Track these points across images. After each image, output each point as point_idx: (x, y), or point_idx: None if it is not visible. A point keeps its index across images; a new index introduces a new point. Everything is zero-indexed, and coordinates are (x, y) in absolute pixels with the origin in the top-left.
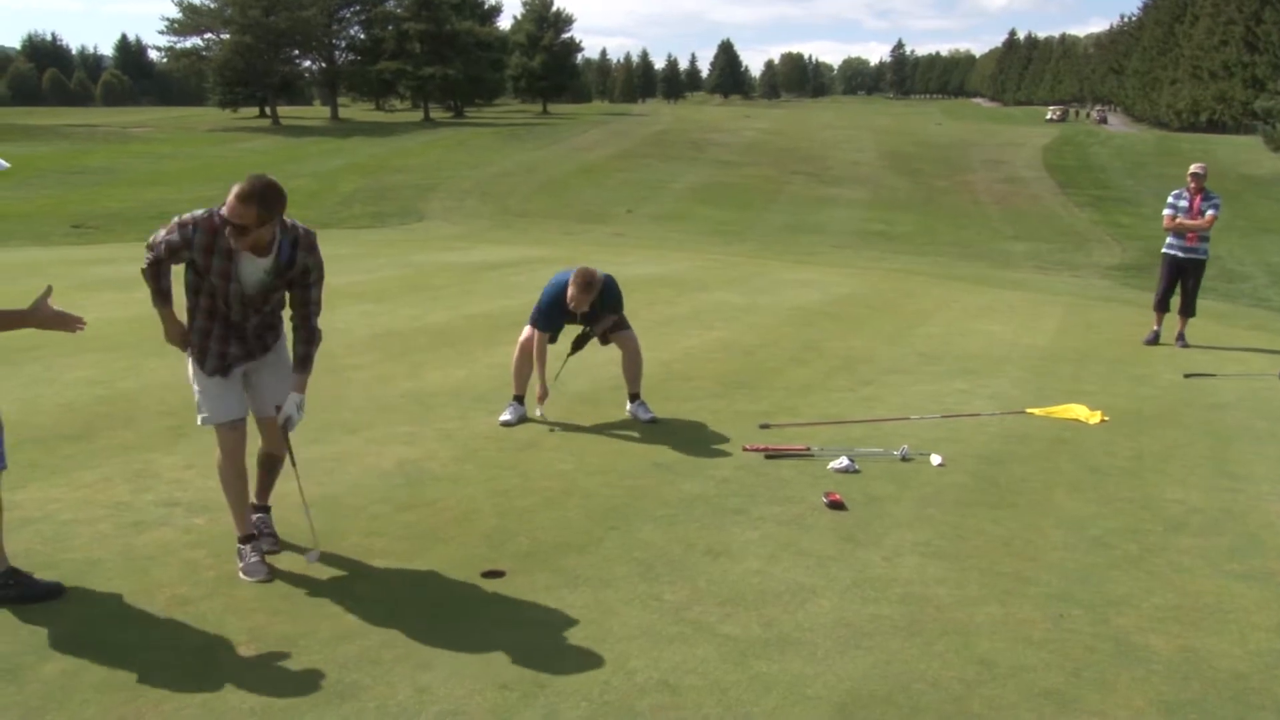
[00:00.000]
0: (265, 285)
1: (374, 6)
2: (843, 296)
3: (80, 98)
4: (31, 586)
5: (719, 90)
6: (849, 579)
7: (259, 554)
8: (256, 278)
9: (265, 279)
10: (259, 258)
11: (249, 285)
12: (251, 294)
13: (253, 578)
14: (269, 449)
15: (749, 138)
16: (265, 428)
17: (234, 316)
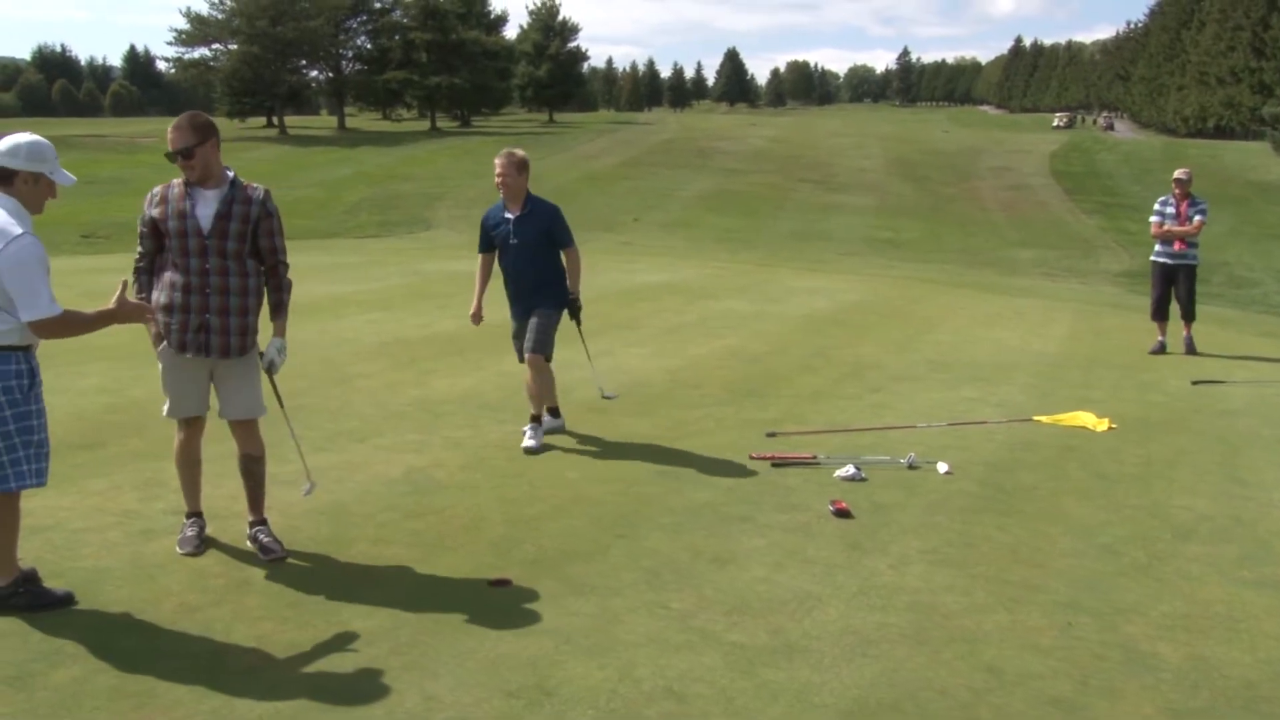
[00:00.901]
0: (217, 217)
1: (381, 16)
2: (850, 304)
3: (89, 108)
4: (43, 595)
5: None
6: (855, 587)
7: (196, 529)
8: (210, 211)
9: (216, 209)
10: (209, 190)
11: (204, 220)
12: (208, 230)
13: (183, 549)
14: (244, 450)
15: (755, 146)
16: (235, 430)
17: (192, 264)
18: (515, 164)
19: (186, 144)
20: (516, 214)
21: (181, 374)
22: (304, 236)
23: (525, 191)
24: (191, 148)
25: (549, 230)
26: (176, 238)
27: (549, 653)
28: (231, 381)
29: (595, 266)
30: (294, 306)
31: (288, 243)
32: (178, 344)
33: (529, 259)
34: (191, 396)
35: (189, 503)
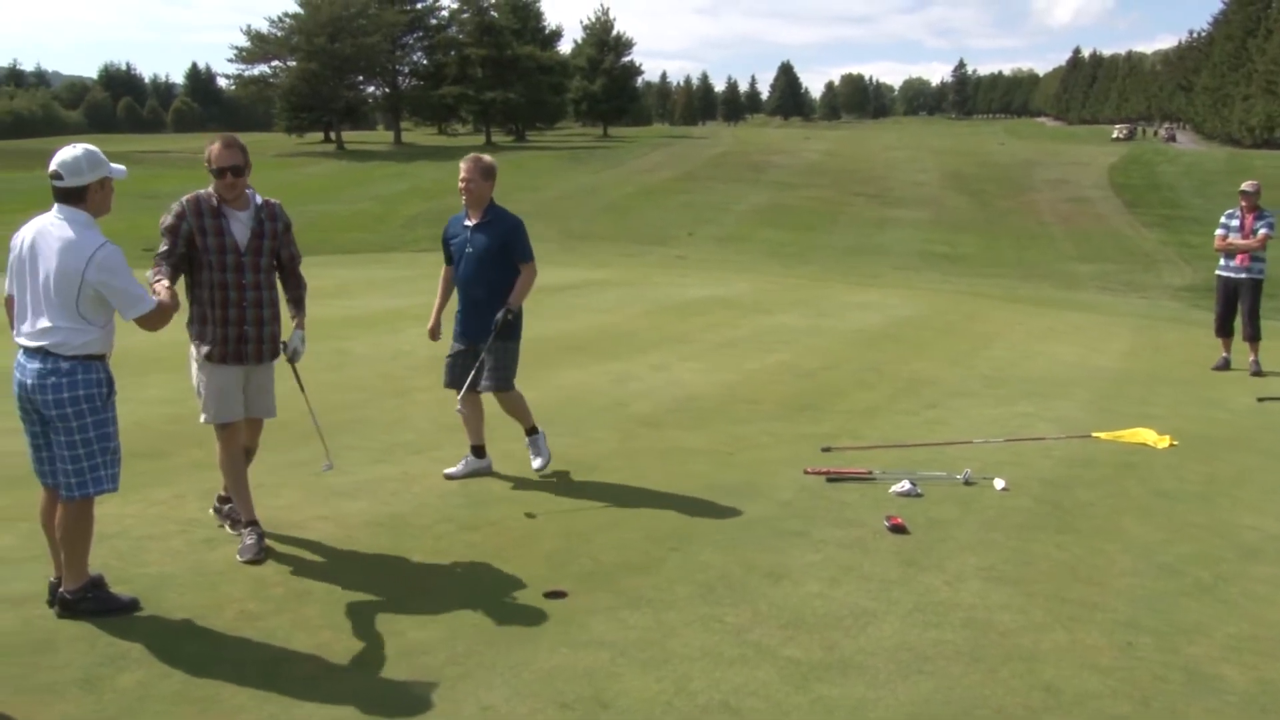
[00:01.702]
0: (252, 235)
1: (437, 32)
2: (905, 319)
3: (152, 124)
4: (110, 600)
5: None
6: (911, 603)
7: (255, 536)
8: (244, 230)
9: (251, 227)
10: (240, 212)
11: (240, 238)
12: (244, 249)
13: (243, 557)
14: (247, 443)
15: (809, 159)
16: (248, 426)
17: (230, 279)
18: (481, 169)
19: (239, 163)
20: (476, 222)
21: (224, 382)
22: (360, 250)
23: (489, 200)
24: (242, 167)
25: (506, 242)
26: (215, 254)
27: (604, 665)
28: (260, 384)
29: (649, 280)
30: (351, 319)
31: (344, 256)
32: (219, 356)
33: (482, 271)
34: (234, 402)
35: (245, 511)
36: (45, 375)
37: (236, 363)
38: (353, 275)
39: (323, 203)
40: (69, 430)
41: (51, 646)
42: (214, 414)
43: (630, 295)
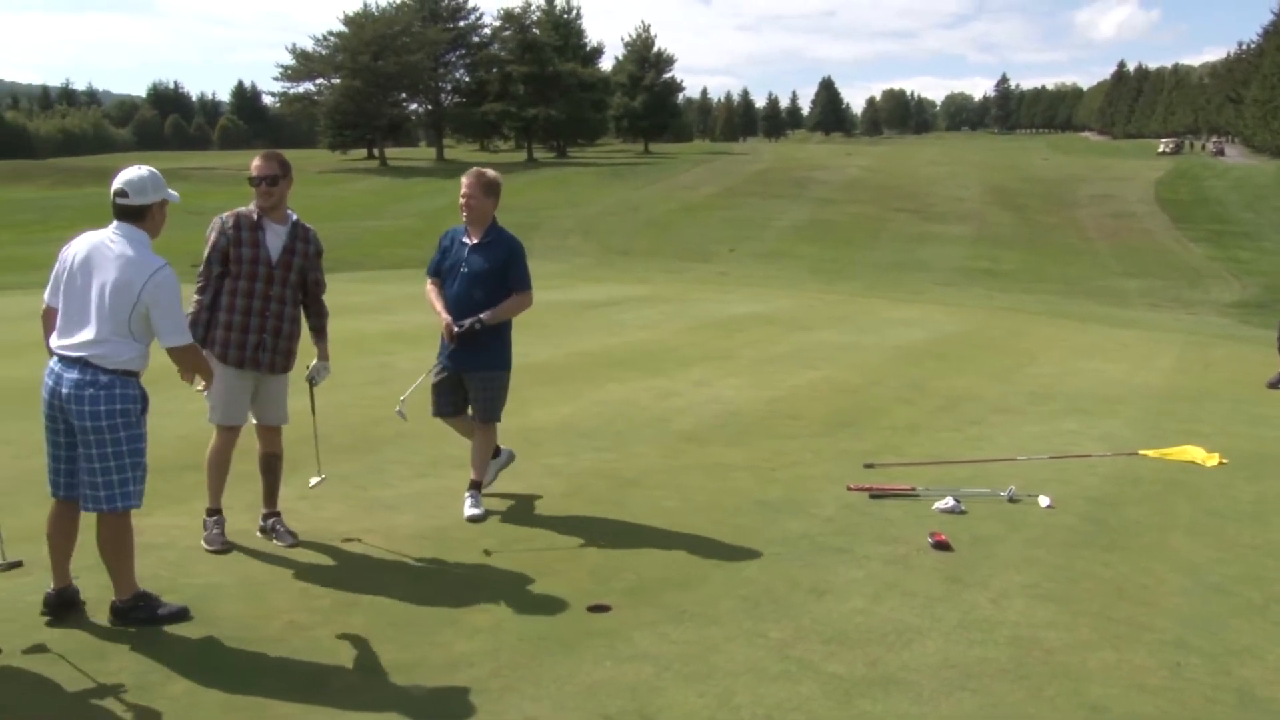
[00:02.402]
0: (284, 250)
1: (479, 50)
2: (948, 335)
3: (199, 141)
4: (158, 609)
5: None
6: (955, 620)
7: (219, 527)
8: (278, 244)
9: (285, 243)
10: (277, 225)
11: (274, 252)
12: (276, 261)
13: (211, 546)
14: (269, 450)
15: (851, 175)
16: (264, 433)
17: (258, 288)
18: (483, 185)
19: (273, 173)
20: (475, 241)
21: (234, 386)
22: (403, 266)
23: (491, 218)
24: (276, 178)
25: (504, 265)
26: (248, 264)
27: (648, 679)
28: (271, 393)
29: (690, 296)
30: (395, 334)
31: (387, 271)
32: (235, 360)
33: (473, 293)
34: (240, 406)
35: (212, 500)
36: (83, 386)
37: (253, 369)
38: (396, 290)
39: (366, 219)
40: (101, 443)
41: (104, 654)
42: (220, 415)
43: (672, 311)
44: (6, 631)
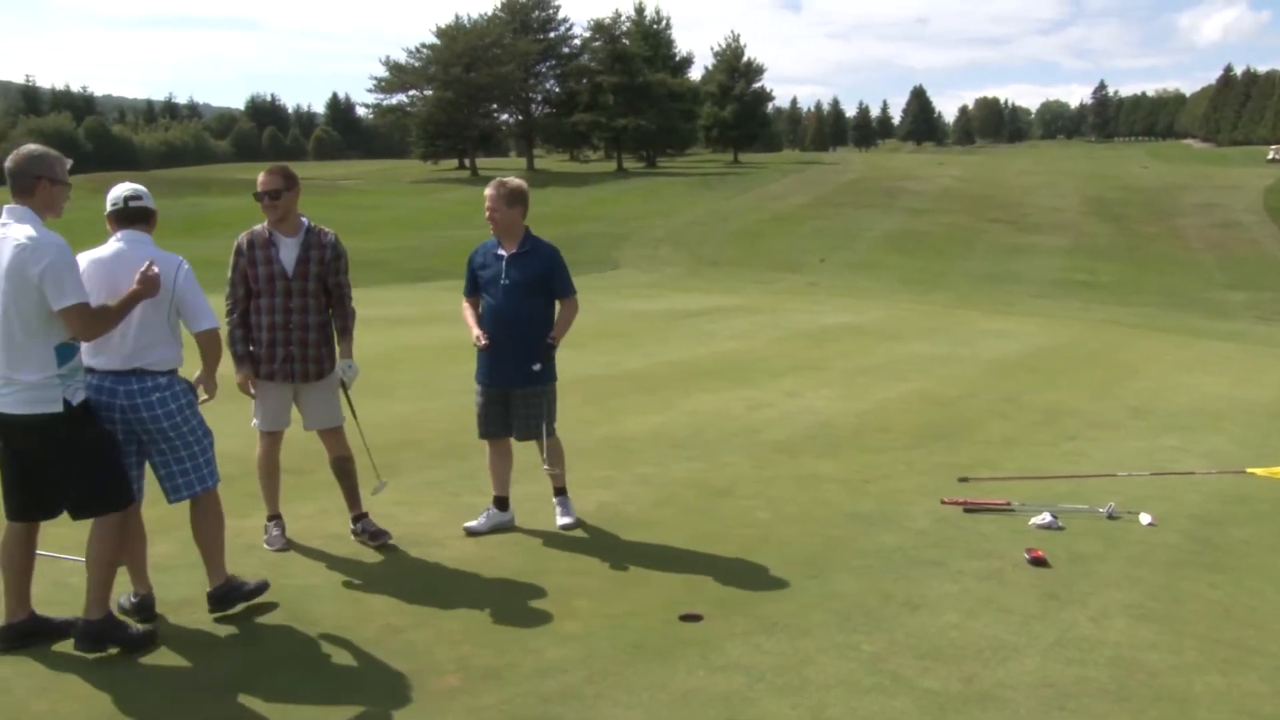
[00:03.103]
0: (298, 261)
1: (569, 61)
2: (1043, 348)
3: (294, 152)
4: (245, 587)
5: (911, 137)
6: (1053, 638)
7: (279, 529)
8: (291, 256)
9: (298, 253)
10: (288, 237)
11: (288, 264)
12: (291, 274)
13: (272, 547)
14: (336, 454)
15: (943, 185)
16: (324, 438)
17: (277, 303)
18: (505, 195)
19: (276, 187)
20: (511, 252)
21: (271, 396)
22: None
23: (522, 227)
24: (279, 191)
25: (546, 274)
26: (265, 281)
27: (740, 689)
28: (313, 399)
29: (781, 307)
30: None
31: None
32: (266, 374)
33: (518, 305)
34: (280, 414)
35: (270, 506)
36: (148, 393)
37: (285, 380)
38: None
39: (456, 228)
40: (181, 435)
41: (208, 649)
42: (263, 422)
43: (763, 321)
44: None
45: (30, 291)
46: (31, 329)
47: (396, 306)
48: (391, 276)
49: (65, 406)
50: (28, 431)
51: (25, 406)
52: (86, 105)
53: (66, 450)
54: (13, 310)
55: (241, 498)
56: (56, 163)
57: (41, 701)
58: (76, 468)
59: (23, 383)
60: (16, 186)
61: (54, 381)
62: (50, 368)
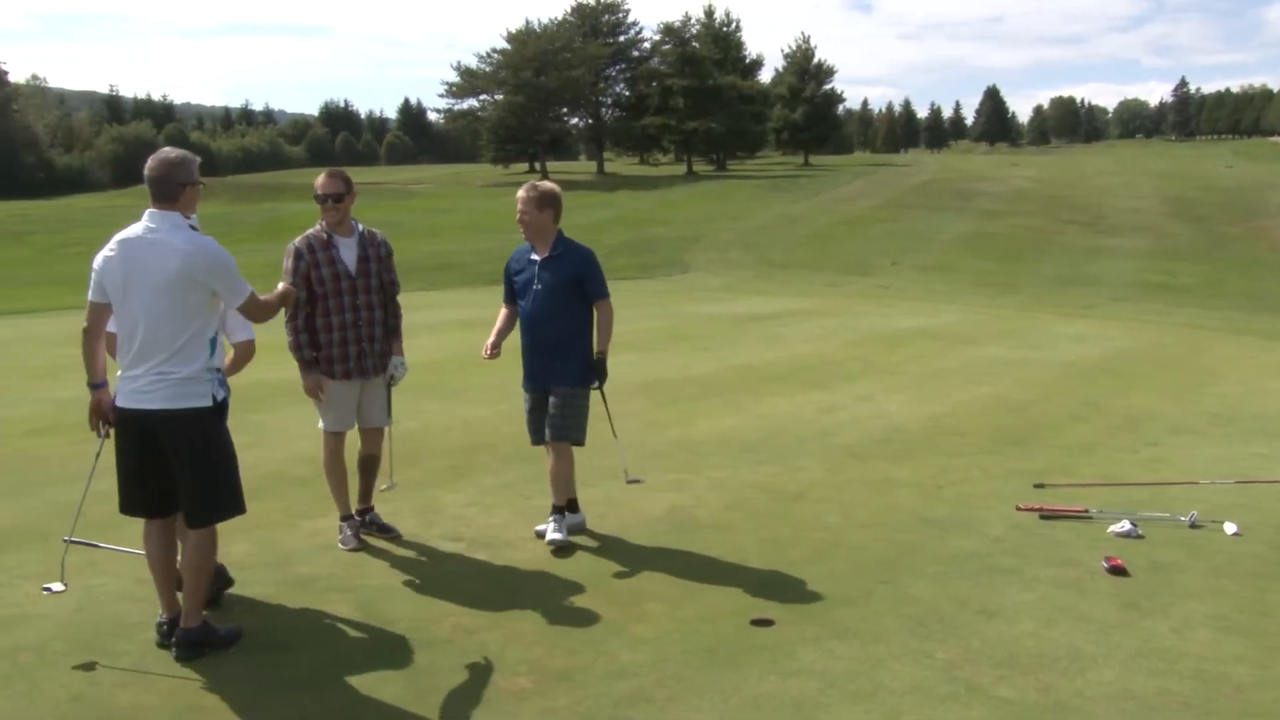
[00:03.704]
0: (359, 260)
1: (639, 64)
2: (1122, 352)
3: (367, 157)
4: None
5: (984, 138)
6: (1133, 648)
7: (352, 529)
8: (352, 256)
9: (358, 253)
10: (346, 238)
11: (349, 264)
12: (355, 273)
13: (346, 546)
14: (369, 451)
15: (1017, 186)
16: (366, 435)
17: (345, 302)
18: (535, 198)
19: (339, 190)
20: (543, 256)
21: (343, 395)
22: None
23: (554, 231)
24: (342, 194)
25: (579, 277)
26: (330, 282)
27: (812, 694)
28: (373, 398)
29: (852, 310)
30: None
31: None
32: (343, 374)
33: (551, 309)
34: (348, 414)
35: (341, 507)
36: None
37: (358, 377)
38: None
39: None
40: None
41: (287, 647)
42: (332, 423)
43: (834, 325)
44: None
45: (196, 291)
46: (188, 325)
47: (467, 309)
48: (462, 279)
49: (213, 401)
50: (176, 426)
51: (177, 401)
52: (166, 113)
53: (200, 448)
54: (169, 308)
55: (314, 499)
56: (194, 165)
57: (126, 694)
58: (208, 467)
59: (176, 377)
60: (162, 193)
61: (205, 375)
62: (203, 359)
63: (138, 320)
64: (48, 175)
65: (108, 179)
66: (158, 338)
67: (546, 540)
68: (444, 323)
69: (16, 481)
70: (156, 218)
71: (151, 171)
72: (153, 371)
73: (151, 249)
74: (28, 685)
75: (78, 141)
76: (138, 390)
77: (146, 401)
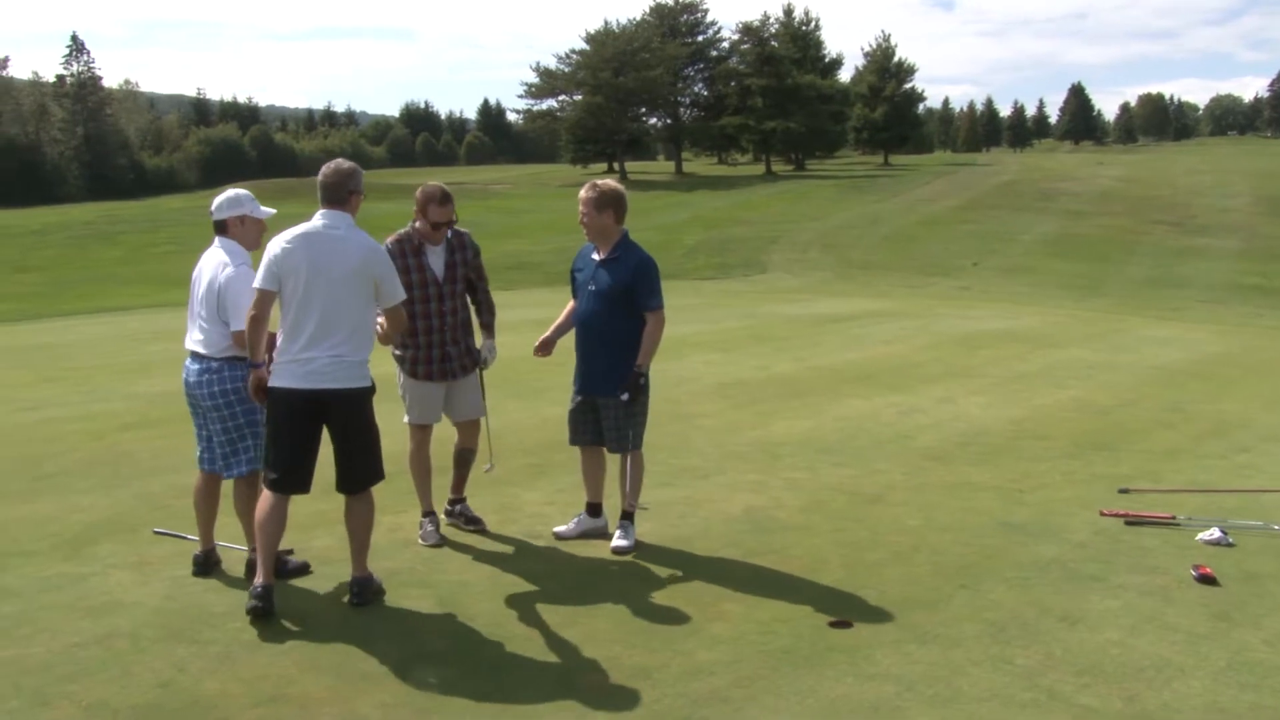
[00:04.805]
0: (447, 266)
1: (717, 64)
2: (1212, 356)
3: (446, 158)
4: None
5: (1069, 136)
6: (1223, 660)
7: (433, 524)
8: (440, 263)
9: (445, 259)
10: (435, 246)
11: (438, 271)
12: (441, 280)
13: (427, 541)
14: (465, 444)
15: (1103, 186)
16: (462, 429)
17: (432, 308)
18: (595, 200)
19: (453, 220)
20: (602, 257)
21: (426, 394)
22: None
23: (615, 232)
24: (453, 223)
25: (630, 282)
26: (418, 288)
27: (890, 698)
28: (463, 392)
29: (932, 312)
30: None
31: None
32: (425, 375)
33: (601, 313)
34: (433, 408)
35: (423, 502)
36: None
37: (441, 379)
38: None
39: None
40: (222, 417)
41: (368, 640)
42: (416, 417)
43: (914, 326)
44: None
45: (369, 285)
46: (361, 316)
47: (545, 309)
48: (541, 279)
49: (371, 382)
50: (350, 404)
51: (352, 381)
52: (252, 115)
53: (364, 423)
54: (350, 299)
55: (396, 495)
56: (361, 175)
57: (213, 682)
58: (366, 440)
59: (352, 361)
60: (334, 196)
61: (367, 360)
62: (369, 348)
63: (315, 307)
64: (138, 176)
65: (195, 180)
66: (337, 323)
67: (611, 548)
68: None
69: (109, 475)
70: (333, 217)
71: (326, 178)
72: (329, 354)
73: (336, 244)
74: (120, 670)
75: (167, 143)
76: (314, 371)
77: (324, 381)
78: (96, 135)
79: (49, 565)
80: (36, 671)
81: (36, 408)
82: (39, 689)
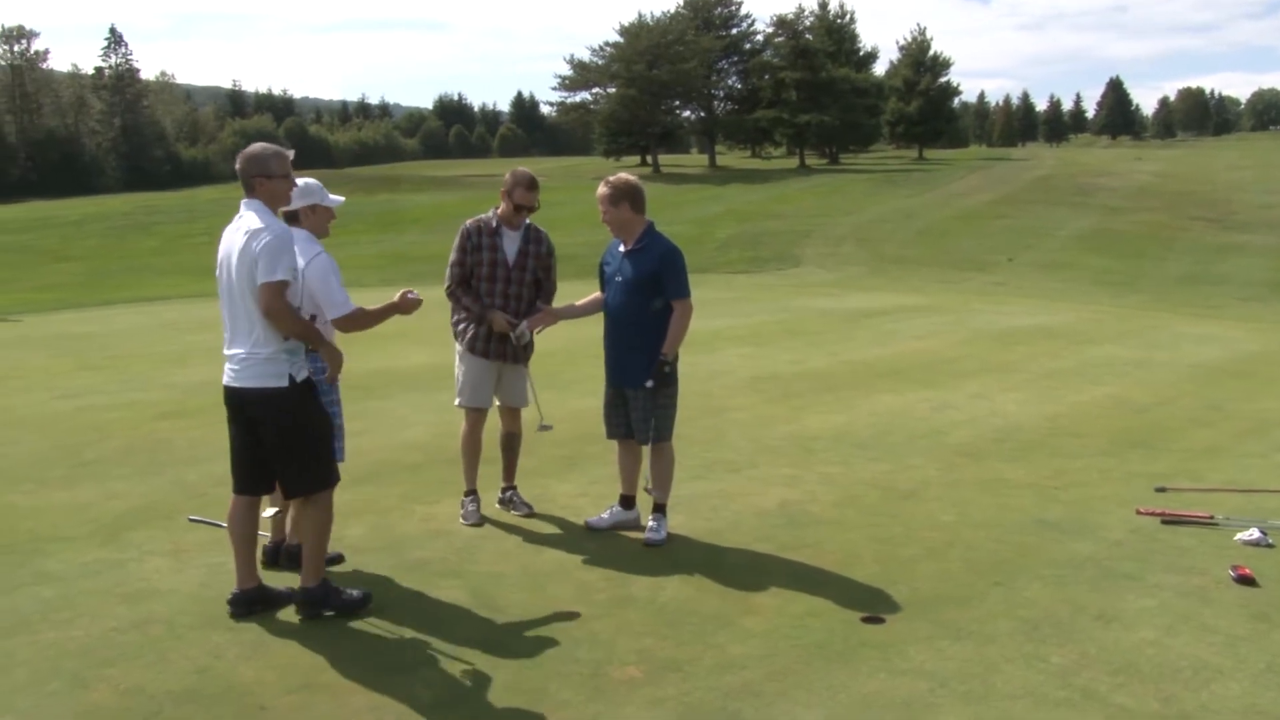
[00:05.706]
0: (519, 253)
1: (751, 57)
2: (1252, 354)
3: (479, 150)
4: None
5: (1106, 131)
6: (1263, 663)
7: (475, 504)
8: (514, 248)
9: (519, 246)
10: (512, 230)
11: (510, 254)
12: (513, 264)
13: (468, 521)
14: (510, 429)
15: (1140, 181)
16: (506, 414)
17: (498, 289)
18: (608, 195)
19: (535, 206)
20: (628, 249)
21: (482, 373)
22: None
23: (637, 223)
24: (535, 209)
25: (656, 272)
26: (487, 266)
27: (922, 694)
28: (513, 379)
29: (966, 307)
30: None
31: None
32: (481, 351)
33: (628, 304)
34: (484, 390)
35: (468, 481)
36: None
37: (496, 359)
38: None
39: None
40: None
41: (400, 630)
42: (467, 399)
43: (948, 322)
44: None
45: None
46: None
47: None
48: (574, 271)
49: (290, 381)
50: (264, 406)
51: (264, 380)
52: (286, 107)
53: (289, 424)
54: (250, 291)
55: (429, 485)
56: (271, 160)
57: (248, 669)
58: (294, 444)
59: (261, 356)
60: (244, 185)
61: (280, 356)
62: (275, 342)
63: (225, 301)
64: (174, 168)
65: (230, 171)
66: (240, 317)
67: (644, 541)
68: None
69: (146, 463)
70: (244, 206)
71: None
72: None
73: (235, 235)
74: (157, 656)
75: (202, 135)
76: (231, 369)
77: (237, 380)
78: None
79: (88, 551)
80: (76, 655)
81: (76, 395)
82: (78, 672)
